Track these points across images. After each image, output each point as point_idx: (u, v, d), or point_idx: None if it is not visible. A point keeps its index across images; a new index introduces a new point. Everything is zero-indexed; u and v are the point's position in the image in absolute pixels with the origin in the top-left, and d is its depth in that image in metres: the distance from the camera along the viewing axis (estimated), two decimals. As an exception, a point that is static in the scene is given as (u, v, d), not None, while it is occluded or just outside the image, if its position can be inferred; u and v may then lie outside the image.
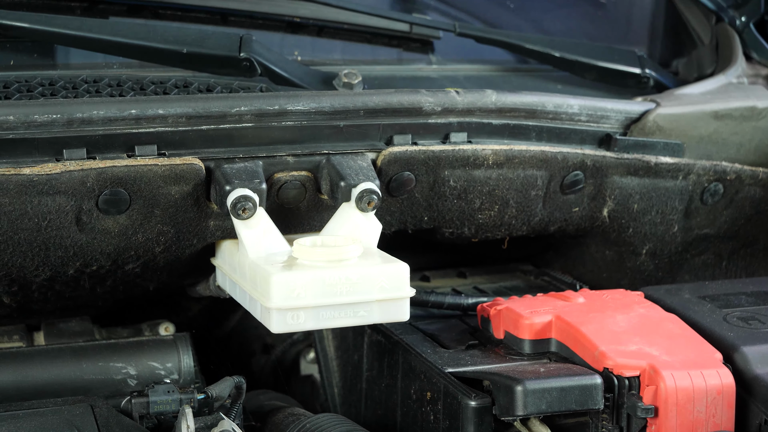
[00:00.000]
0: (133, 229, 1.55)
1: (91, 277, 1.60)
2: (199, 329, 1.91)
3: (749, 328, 1.55)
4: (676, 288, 1.72)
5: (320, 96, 1.61)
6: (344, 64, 1.95)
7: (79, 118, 1.49)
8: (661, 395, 1.40)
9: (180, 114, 1.53)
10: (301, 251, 1.47)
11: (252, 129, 1.57)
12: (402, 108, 1.64)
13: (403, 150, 1.64)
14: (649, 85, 2.02)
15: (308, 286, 1.43)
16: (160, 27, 1.82)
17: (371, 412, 1.68)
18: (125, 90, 1.65)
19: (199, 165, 1.53)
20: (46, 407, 1.45)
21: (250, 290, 1.50)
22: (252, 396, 1.80)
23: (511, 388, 1.36)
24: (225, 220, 1.58)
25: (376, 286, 1.45)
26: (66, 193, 1.49)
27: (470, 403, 1.39)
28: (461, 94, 1.67)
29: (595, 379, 1.39)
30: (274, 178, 1.58)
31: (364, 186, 1.55)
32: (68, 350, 1.64)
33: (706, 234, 1.97)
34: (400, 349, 1.57)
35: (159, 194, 1.53)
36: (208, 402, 1.54)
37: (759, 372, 1.46)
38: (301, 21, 1.96)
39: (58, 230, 1.51)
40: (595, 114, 1.78)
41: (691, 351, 1.47)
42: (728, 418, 1.43)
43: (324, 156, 1.61)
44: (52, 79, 1.65)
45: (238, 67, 1.73)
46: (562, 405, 1.37)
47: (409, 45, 2.03)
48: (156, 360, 1.64)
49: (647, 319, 1.55)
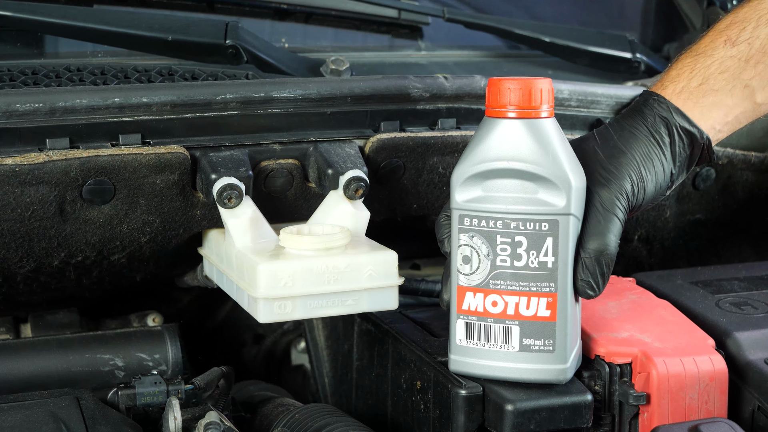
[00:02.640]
0: (117, 219, 1.53)
1: (77, 268, 1.58)
2: (190, 320, 1.90)
3: (742, 314, 1.54)
4: (668, 274, 1.71)
5: (307, 83, 1.59)
6: (332, 51, 1.94)
7: (62, 107, 1.47)
8: (653, 382, 1.39)
9: (164, 102, 1.51)
10: (288, 240, 1.46)
11: (238, 117, 1.56)
12: (390, 94, 1.62)
13: (391, 137, 1.62)
14: (640, 69, 2.01)
15: (295, 275, 1.41)
16: (145, 15, 1.80)
17: (362, 401, 1.67)
18: (109, 78, 1.64)
19: (185, 154, 1.52)
20: (31, 400, 1.43)
21: (237, 280, 1.49)
22: (242, 386, 1.79)
23: (501, 408, 1.35)
24: (211, 209, 1.56)
25: (364, 275, 1.44)
26: (49, 183, 1.47)
27: (460, 392, 1.38)
28: (449, 79, 1.66)
29: (586, 396, 1.37)
30: (261, 167, 1.57)
31: (351, 173, 1.54)
32: (55, 342, 1.62)
33: (699, 219, 1.96)
34: (390, 338, 1.56)
35: (144, 183, 1.51)
36: (196, 393, 1.53)
37: (752, 358, 1.46)
38: (289, 8, 1.94)
39: (41, 221, 1.49)
40: (586, 99, 1.76)
41: (683, 337, 1.46)
42: (721, 404, 1.42)
43: (311, 143, 1.59)
44: (35, 68, 1.63)
45: (223, 55, 1.72)
46: (551, 424, 1.35)
47: (397, 31, 2.01)
48: (144, 351, 1.62)
49: (639, 305, 1.54)
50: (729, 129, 1.48)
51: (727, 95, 1.45)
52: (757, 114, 1.48)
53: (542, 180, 1.33)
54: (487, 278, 1.36)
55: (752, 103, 1.46)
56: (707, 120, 1.44)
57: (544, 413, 1.35)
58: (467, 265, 1.37)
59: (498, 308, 1.37)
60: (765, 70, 1.44)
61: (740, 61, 1.44)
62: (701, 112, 1.44)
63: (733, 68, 1.45)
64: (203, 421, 1.40)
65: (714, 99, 1.44)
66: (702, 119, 1.44)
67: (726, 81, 1.44)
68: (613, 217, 1.36)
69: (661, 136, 1.42)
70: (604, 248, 1.35)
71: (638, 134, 1.42)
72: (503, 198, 1.35)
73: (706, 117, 1.44)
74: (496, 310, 1.37)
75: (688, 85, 1.45)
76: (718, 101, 1.45)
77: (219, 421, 1.40)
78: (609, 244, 1.36)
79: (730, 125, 1.47)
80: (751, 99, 1.46)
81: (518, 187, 1.34)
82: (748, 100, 1.46)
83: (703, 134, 1.43)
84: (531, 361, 1.37)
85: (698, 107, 1.44)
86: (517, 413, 1.34)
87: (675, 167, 1.42)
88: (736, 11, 1.48)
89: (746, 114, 1.47)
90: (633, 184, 1.38)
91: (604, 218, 1.36)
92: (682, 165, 1.44)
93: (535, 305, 1.36)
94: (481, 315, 1.37)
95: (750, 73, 1.44)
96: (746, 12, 1.47)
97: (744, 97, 1.45)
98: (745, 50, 1.44)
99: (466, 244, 1.37)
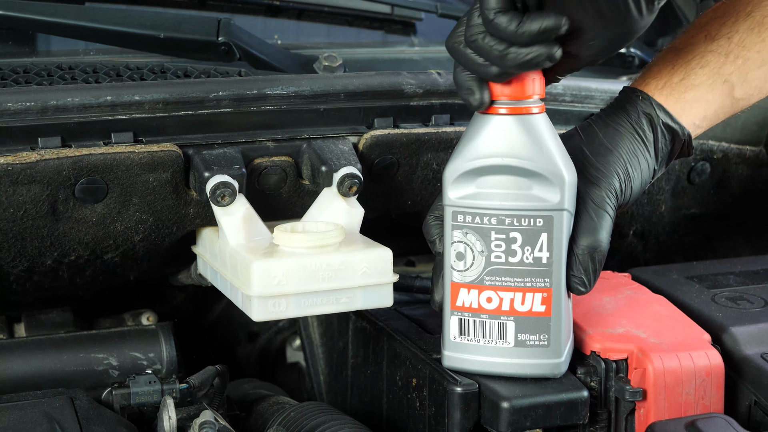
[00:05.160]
0: (110, 218, 1.53)
1: (70, 267, 1.58)
2: (184, 318, 1.89)
3: (738, 309, 1.54)
4: (663, 269, 1.70)
5: (300, 79, 1.59)
6: (325, 47, 1.93)
7: (54, 106, 1.47)
8: (649, 378, 1.39)
9: (156, 100, 1.51)
10: (282, 238, 1.45)
11: (230, 114, 1.55)
12: (383, 90, 1.62)
13: (385, 133, 1.62)
14: (634, 64, 2.01)
15: (289, 272, 1.41)
16: (136, 12, 1.79)
17: (357, 399, 1.67)
18: (101, 76, 1.63)
19: (177, 152, 1.51)
20: (25, 400, 1.43)
21: (231, 278, 1.48)
22: (237, 385, 1.78)
23: (497, 405, 1.34)
24: (205, 207, 1.56)
25: (359, 272, 1.43)
26: (42, 182, 1.46)
27: (456, 389, 1.37)
28: (443, 75, 1.65)
29: (582, 393, 1.37)
30: (254, 164, 1.56)
31: (345, 170, 1.53)
32: (49, 342, 1.61)
33: (694, 214, 1.96)
34: (384, 335, 1.56)
35: (137, 182, 1.51)
36: (191, 392, 1.52)
37: (748, 353, 1.45)
38: (281, 4, 1.94)
39: (34, 220, 1.49)
40: (580, 94, 1.76)
41: (679, 333, 1.46)
42: (717, 399, 1.42)
43: (305, 141, 1.59)
44: (26, 66, 1.63)
45: (216, 52, 1.71)
46: (547, 421, 1.35)
47: (390, 27, 2.01)
48: (138, 350, 1.62)
49: (635, 300, 1.54)
50: (707, 124, 1.48)
51: (708, 90, 1.45)
52: (735, 109, 1.49)
53: (536, 176, 1.33)
54: (481, 274, 1.36)
55: (731, 98, 1.46)
56: (688, 116, 1.45)
57: (540, 410, 1.35)
58: (461, 262, 1.37)
59: (493, 304, 1.36)
60: (744, 65, 1.44)
61: (720, 55, 1.44)
62: (683, 107, 1.44)
63: (713, 63, 1.44)
64: (198, 420, 1.40)
65: (695, 94, 1.44)
66: (683, 115, 1.44)
67: (707, 76, 1.44)
68: (604, 214, 1.36)
69: (645, 133, 1.42)
70: (597, 245, 1.36)
71: (623, 131, 1.42)
72: (497, 194, 1.34)
73: (688, 113, 1.44)
74: (491, 306, 1.36)
75: (669, 80, 1.45)
76: (699, 96, 1.45)
77: (214, 420, 1.39)
78: (601, 241, 1.36)
79: (708, 120, 1.47)
80: (731, 94, 1.46)
81: (512, 183, 1.34)
82: (728, 96, 1.46)
83: (685, 131, 1.43)
84: (526, 356, 1.36)
85: (680, 103, 1.44)
86: (513, 410, 1.34)
87: (657, 163, 1.43)
88: (716, 7, 1.49)
89: (725, 109, 1.47)
90: (621, 182, 1.39)
91: (595, 215, 1.36)
92: (663, 160, 1.44)
93: (530, 301, 1.35)
94: (476, 311, 1.37)
95: (729, 68, 1.44)
96: (726, 7, 1.47)
97: (723, 93, 1.45)
98: (725, 45, 1.44)
99: (460, 240, 1.36)
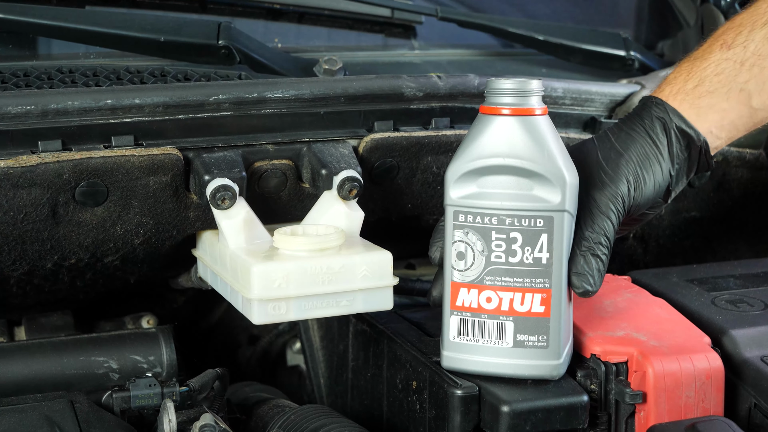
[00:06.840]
0: (111, 221, 1.53)
1: (70, 270, 1.58)
2: (185, 321, 1.89)
3: (738, 311, 1.54)
4: (663, 272, 1.70)
5: (300, 83, 1.59)
6: (325, 50, 1.93)
7: (54, 109, 1.47)
8: (650, 381, 1.39)
9: (157, 103, 1.51)
10: (282, 241, 1.45)
11: (231, 117, 1.55)
12: (383, 94, 1.62)
13: (385, 136, 1.62)
14: (634, 67, 2.01)
15: (290, 276, 1.41)
16: (137, 16, 1.80)
17: (357, 402, 1.67)
18: (101, 80, 1.63)
19: (178, 155, 1.51)
20: (25, 403, 1.42)
21: (231, 281, 1.48)
22: (237, 388, 1.78)
23: (497, 409, 1.34)
24: (205, 210, 1.56)
25: (359, 275, 1.43)
26: (42, 186, 1.46)
27: (456, 392, 1.37)
28: (443, 78, 1.65)
29: (582, 397, 1.37)
30: (254, 167, 1.56)
31: (345, 174, 1.53)
32: (49, 345, 1.61)
33: (694, 217, 1.96)
34: (385, 338, 1.56)
35: (137, 185, 1.51)
36: (191, 395, 1.52)
37: (748, 355, 1.45)
38: (282, 8, 1.94)
39: (34, 223, 1.49)
40: (580, 97, 1.76)
41: (679, 335, 1.46)
42: (717, 402, 1.42)
43: (305, 144, 1.59)
44: (27, 69, 1.62)
45: (216, 55, 1.71)
46: (547, 425, 1.35)
47: (390, 30, 2.01)
48: (138, 353, 1.62)
49: (635, 303, 1.54)
50: (727, 135, 1.48)
51: (723, 98, 1.45)
52: (755, 120, 1.48)
53: (537, 177, 1.33)
54: (481, 274, 1.36)
55: (748, 107, 1.46)
56: (704, 122, 1.45)
57: (540, 414, 1.35)
58: (461, 261, 1.37)
59: (492, 304, 1.36)
60: (760, 74, 1.45)
61: (735, 63, 1.45)
62: (697, 113, 1.45)
63: (728, 71, 1.45)
64: (198, 423, 1.40)
65: (710, 101, 1.45)
66: (698, 121, 1.44)
67: (721, 83, 1.45)
68: (606, 219, 1.37)
69: (658, 137, 1.42)
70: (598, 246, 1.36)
71: (635, 135, 1.43)
72: (498, 194, 1.35)
73: (703, 119, 1.45)
74: (490, 306, 1.36)
75: (684, 86, 1.45)
76: (714, 103, 1.45)
77: (214, 423, 1.39)
78: (602, 244, 1.36)
79: (726, 130, 1.47)
80: (747, 103, 1.46)
81: (513, 183, 1.34)
82: (745, 105, 1.46)
83: (700, 136, 1.44)
84: (525, 356, 1.36)
85: (694, 108, 1.44)
86: (513, 414, 1.34)
87: (673, 168, 1.43)
88: (734, 18, 1.50)
89: (743, 119, 1.47)
90: (629, 185, 1.39)
91: (599, 219, 1.37)
92: (681, 167, 1.44)
93: (529, 301, 1.35)
94: (475, 311, 1.37)
95: (745, 76, 1.45)
96: (743, 17, 1.48)
97: (740, 101, 1.45)
98: (740, 53, 1.45)
99: (461, 240, 1.36)
